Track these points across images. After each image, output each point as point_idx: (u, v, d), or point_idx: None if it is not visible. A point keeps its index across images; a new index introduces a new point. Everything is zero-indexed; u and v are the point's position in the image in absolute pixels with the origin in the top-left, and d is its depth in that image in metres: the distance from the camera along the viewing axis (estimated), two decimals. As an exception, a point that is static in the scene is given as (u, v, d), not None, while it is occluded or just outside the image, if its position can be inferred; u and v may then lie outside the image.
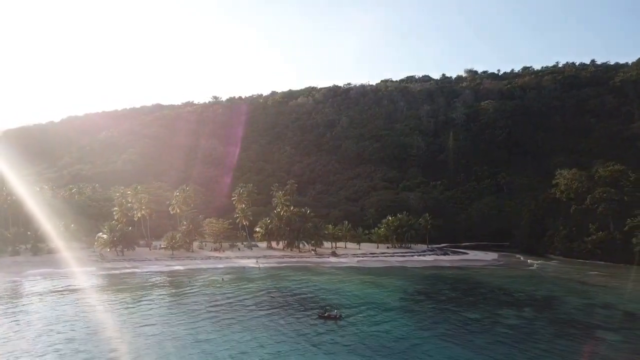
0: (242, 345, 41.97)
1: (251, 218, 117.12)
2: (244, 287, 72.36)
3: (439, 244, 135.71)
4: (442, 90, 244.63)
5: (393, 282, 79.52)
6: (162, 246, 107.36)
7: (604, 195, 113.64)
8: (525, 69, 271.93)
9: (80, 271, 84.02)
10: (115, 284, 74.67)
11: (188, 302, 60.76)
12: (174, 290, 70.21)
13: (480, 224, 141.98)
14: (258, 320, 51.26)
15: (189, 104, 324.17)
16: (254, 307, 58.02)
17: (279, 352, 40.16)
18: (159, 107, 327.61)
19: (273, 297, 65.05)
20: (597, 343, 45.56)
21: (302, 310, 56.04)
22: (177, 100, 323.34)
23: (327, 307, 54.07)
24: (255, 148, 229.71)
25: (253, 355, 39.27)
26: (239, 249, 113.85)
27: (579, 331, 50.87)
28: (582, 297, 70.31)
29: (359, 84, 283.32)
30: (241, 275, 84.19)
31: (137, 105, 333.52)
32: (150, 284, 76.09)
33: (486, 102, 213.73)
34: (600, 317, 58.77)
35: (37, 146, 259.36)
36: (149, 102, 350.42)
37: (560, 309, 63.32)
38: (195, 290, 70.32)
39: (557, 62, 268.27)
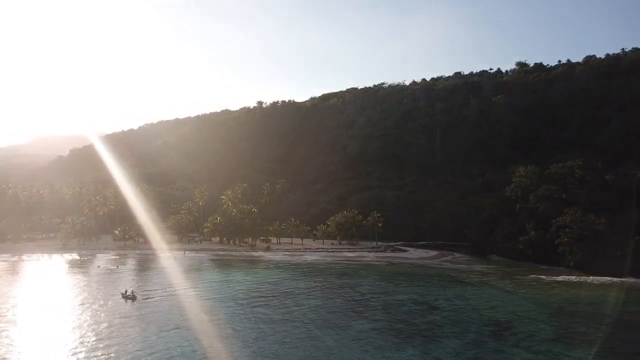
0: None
1: (197, 214, 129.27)
2: (126, 272, 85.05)
3: (397, 242, 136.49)
4: (464, 87, 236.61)
5: (274, 273, 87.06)
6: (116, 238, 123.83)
7: (546, 193, 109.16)
8: (588, 57, 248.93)
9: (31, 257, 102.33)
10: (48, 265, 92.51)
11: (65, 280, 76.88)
12: (76, 270, 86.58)
13: (444, 222, 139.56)
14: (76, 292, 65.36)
15: (245, 109, 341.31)
16: (93, 286, 71.01)
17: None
18: (225, 113, 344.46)
19: (127, 279, 76.96)
20: (344, 329, 49.60)
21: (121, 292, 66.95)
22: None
23: (127, 289, 64.32)
24: (278, 150, 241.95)
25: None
26: (187, 242, 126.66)
27: (344, 318, 54.96)
28: (421, 294, 71.58)
29: (395, 83, 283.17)
30: (149, 264, 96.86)
31: (208, 112, 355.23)
32: (69, 264, 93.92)
33: (498, 97, 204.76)
34: (397, 309, 61.32)
35: (114, 152, 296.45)
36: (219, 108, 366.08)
37: (373, 302, 66.07)
38: (82, 272, 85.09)
39: (623, 49, 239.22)
